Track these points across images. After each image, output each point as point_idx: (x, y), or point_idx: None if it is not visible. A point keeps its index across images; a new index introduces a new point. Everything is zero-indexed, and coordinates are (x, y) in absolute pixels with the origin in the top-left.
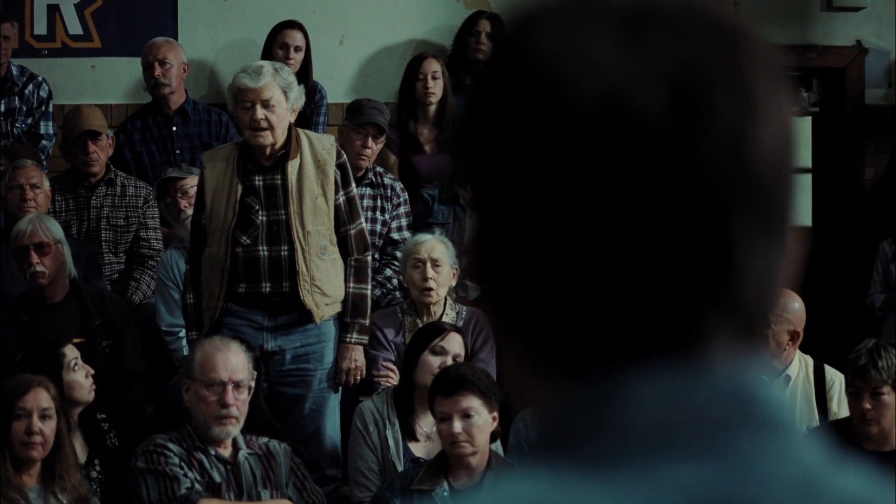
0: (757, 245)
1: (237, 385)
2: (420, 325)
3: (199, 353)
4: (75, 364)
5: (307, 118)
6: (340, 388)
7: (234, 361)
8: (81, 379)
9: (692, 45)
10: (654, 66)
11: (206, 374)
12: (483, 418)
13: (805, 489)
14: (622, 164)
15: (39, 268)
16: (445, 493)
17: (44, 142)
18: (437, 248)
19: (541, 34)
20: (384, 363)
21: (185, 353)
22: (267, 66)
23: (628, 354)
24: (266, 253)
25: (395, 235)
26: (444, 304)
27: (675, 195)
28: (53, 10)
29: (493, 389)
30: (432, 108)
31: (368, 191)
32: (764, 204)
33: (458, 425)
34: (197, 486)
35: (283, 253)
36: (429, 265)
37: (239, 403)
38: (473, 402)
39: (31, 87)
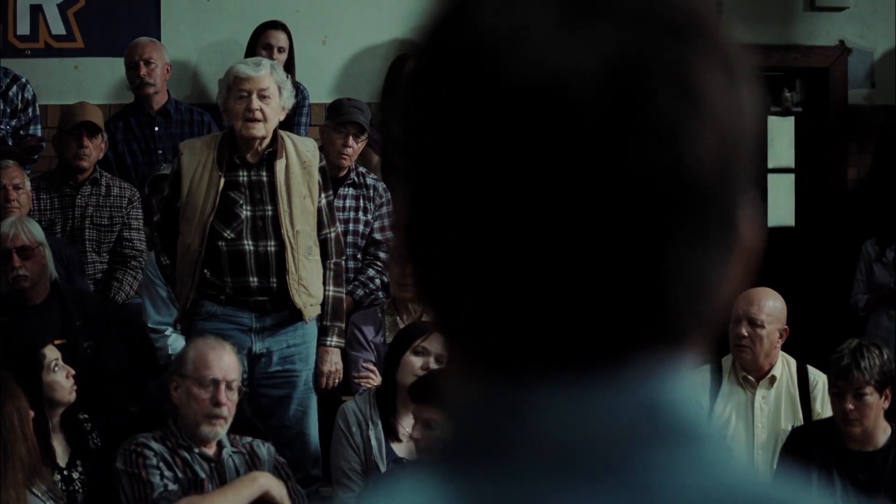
0: (691, 251)
1: (229, 385)
2: (400, 325)
3: (193, 351)
4: (55, 365)
5: (290, 118)
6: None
7: (227, 361)
8: (62, 380)
9: (635, 32)
10: (593, 51)
11: (200, 372)
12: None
13: (717, 498)
14: (552, 153)
15: (22, 271)
16: None
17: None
18: None
19: (478, 10)
20: (364, 364)
21: (171, 351)
22: (265, 60)
23: (538, 363)
24: (251, 247)
25: (377, 236)
26: None
27: (604, 189)
28: (36, 11)
29: None
30: None
31: (351, 191)
32: (701, 207)
33: (417, 432)
34: (171, 487)
35: (270, 248)
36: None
37: (230, 404)
38: (435, 415)
39: (14, 88)
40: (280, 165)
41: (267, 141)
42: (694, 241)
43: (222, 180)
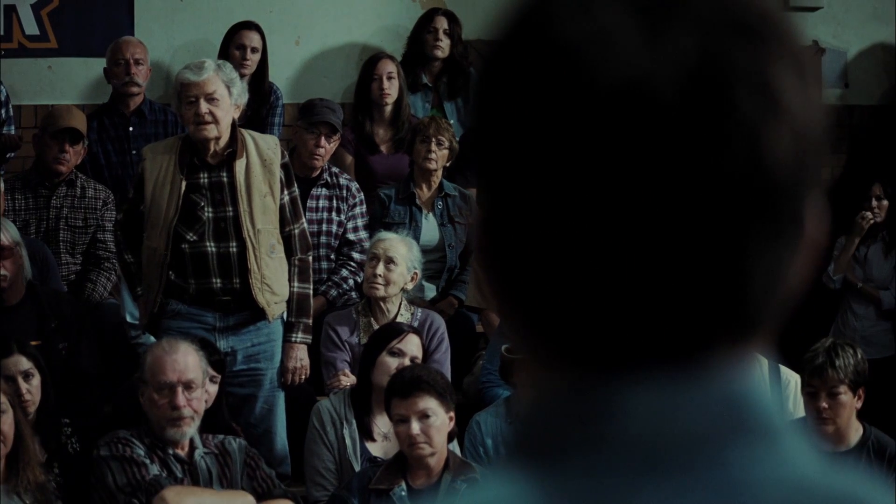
0: (767, 246)
1: (188, 385)
2: (374, 326)
3: (150, 356)
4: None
5: (262, 119)
6: (284, 387)
7: (182, 362)
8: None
9: (713, 35)
10: (674, 55)
11: (156, 377)
12: (440, 419)
13: (800, 491)
14: (638, 155)
15: (2, 271)
16: (403, 493)
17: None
18: (395, 247)
19: (556, 14)
20: (336, 371)
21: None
22: (209, 61)
23: (628, 359)
24: (214, 249)
25: (351, 236)
26: (399, 305)
27: (688, 189)
28: (10, 11)
29: (449, 389)
30: (388, 108)
31: (324, 191)
32: (778, 204)
33: (415, 427)
34: (163, 473)
35: (231, 249)
36: (382, 263)
37: (192, 403)
38: (430, 403)
39: None
40: (240, 165)
41: (224, 141)
42: (770, 236)
43: (184, 183)
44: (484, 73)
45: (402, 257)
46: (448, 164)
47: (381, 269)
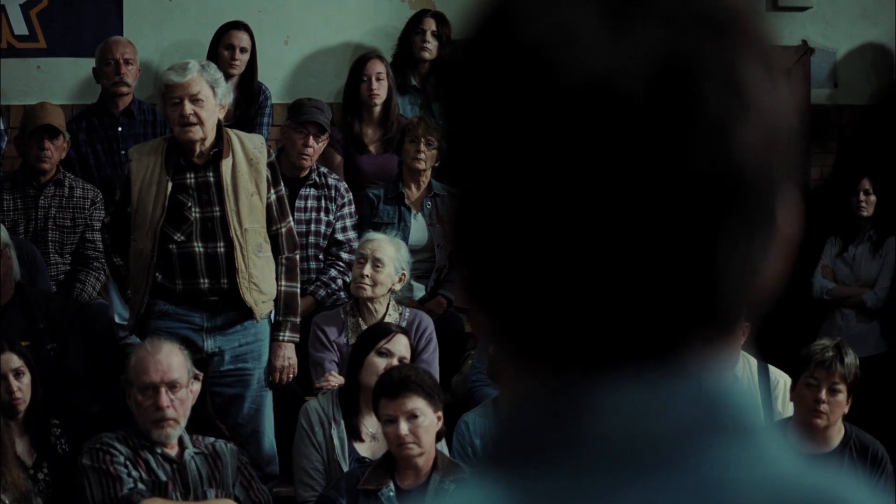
0: (739, 242)
1: (171, 385)
2: (362, 326)
3: (134, 358)
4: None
5: (251, 119)
6: (272, 386)
7: (166, 362)
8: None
9: (679, 30)
10: (641, 52)
11: (140, 379)
12: (429, 419)
13: (776, 491)
14: (607, 152)
15: None
16: (391, 494)
17: None
18: (382, 248)
19: (523, 11)
20: (326, 370)
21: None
22: (193, 62)
23: (601, 359)
24: (202, 249)
25: (339, 236)
26: (387, 305)
27: (658, 186)
28: None
29: (437, 389)
30: (377, 108)
31: (313, 191)
32: (748, 200)
33: (404, 427)
34: (140, 485)
35: (219, 249)
36: (369, 263)
37: (176, 404)
38: (418, 403)
39: None
40: (226, 165)
41: (209, 141)
42: (742, 232)
43: (170, 184)
44: (452, 72)
45: (390, 258)
46: (437, 164)
47: (368, 269)
